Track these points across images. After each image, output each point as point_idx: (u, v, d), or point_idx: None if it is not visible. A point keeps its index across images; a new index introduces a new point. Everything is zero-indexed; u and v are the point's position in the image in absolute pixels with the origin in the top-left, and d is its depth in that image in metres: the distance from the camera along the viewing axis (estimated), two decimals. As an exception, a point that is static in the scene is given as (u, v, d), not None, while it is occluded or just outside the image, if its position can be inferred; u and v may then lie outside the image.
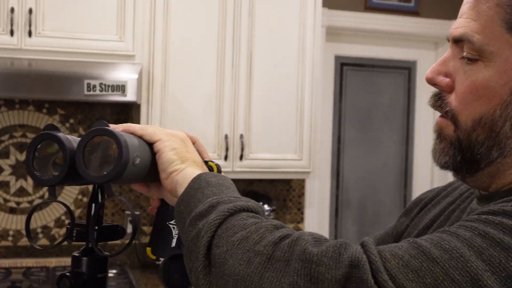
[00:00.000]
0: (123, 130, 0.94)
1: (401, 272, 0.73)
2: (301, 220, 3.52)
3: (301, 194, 3.53)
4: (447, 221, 1.05)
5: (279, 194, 3.48)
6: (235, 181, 3.28)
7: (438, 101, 0.93)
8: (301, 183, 3.52)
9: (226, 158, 2.99)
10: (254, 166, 3.05)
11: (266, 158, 3.07)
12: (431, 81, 0.92)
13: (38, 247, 0.97)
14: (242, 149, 3.01)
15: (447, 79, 0.91)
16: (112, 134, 0.89)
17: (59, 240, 0.99)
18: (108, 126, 0.90)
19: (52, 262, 3.08)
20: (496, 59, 0.86)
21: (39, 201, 3.12)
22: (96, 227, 0.93)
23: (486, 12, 0.88)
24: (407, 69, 3.92)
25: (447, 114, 0.91)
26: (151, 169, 0.95)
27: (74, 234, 0.93)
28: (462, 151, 0.91)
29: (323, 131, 3.65)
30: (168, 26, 2.92)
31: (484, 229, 0.76)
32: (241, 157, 3.01)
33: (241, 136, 3.01)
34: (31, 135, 3.12)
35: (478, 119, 0.88)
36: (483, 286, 0.72)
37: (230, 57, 3.01)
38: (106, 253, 0.95)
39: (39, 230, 3.12)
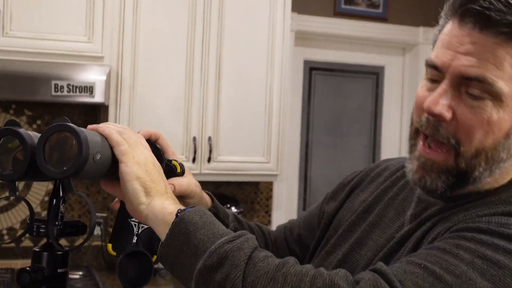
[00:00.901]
0: (101, 130, 0.96)
1: None
2: (269, 222, 3.54)
3: (269, 197, 3.55)
4: (379, 202, 1.16)
5: (247, 196, 3.49)
6: (203, 183, 3.28)
7: (436, 129, 0.97)
8: (268, 186, 3.54)
9: (194, 160, 3.00)
10: (222, 169, 3.07)
11: (234, 160, 3.09)
12: (433, 112, 0.95)
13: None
14: (210, 152, 3.03)
15: (450, 111, 0.95)
16: (72, 130, 0.90)
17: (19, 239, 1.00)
18: (69, 122, 0.91)
19: (18, 264, 3.05)
20: (507, 101, 0.93)
21: (5, 202, 3.09)
22: (57, 222, 0.94)
23: (504, 59, 0.92)
24: (375, 74, 3.98)
25: (449, 143, 0.96)
26: (112, 166, 0.96)
27: (35, 229, 0.94)
28: (457, 176, 0.97)
29: (292, 135, 3.68)
30: (137, 28, 2.92)
31: (482, 252, 0.87)
32: (209, 159, 3.02)
33: (209, 138, 3.03)
34: (-3, 136, 3.09)
35: (481, 149, 0.95)
36: None
37: (199, 59, 3.02)
38: (66, 248, 0.96)
39: (4, 231, 3.09)
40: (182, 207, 0.96)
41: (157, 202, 0.95)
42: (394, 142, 3.99)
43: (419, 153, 1.01)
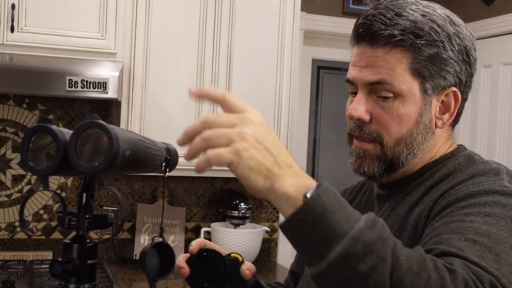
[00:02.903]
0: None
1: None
2: (276, 219, 3.59)
3: (277, 194, 3.58)
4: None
5: (255, 193, 3.53)
6: (213, 178, 3.30)
7: (361, 129, 1.21)
8: (277, 183, 3.58)
9: (204, 156, 3.03)
10: (232, 165, 3.10)
11: (244, 157, 3.12)
12: (356, 117, 1.21)
13: (31, 233, 1.02)
14: (220, 148, 3.06)
15: (368, 114, 1.20)
16: (103, 127, 0.93)
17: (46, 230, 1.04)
18: (99, 119, 0.95)
19: (30, 255, 3.10)
20: (408, 96, 1.17)
21: (18, 195, 3.14)
22: (87, 216, 0.98)
23: (394, 63, 1.16)
24: (382, 74, 4.01)
25: (374, 138, 1.20)
26: (141, 162, 1.00)
27: (66, 222, 0.98)
28: (386, 162, 1.21)
29: (300, 133, 3.72)
30: (149, 25, 2.97)
31: (497, 212, 1.02)
32: (219, 156, 3.06)
33: (219, 135, 3.06)
34: (10, 130, 3.14)
35: (399, 138, 1.19)
36: None
37: (210, 57, 3.06)
38: (96, 240, 1.00)
39: (16, 223, 3.13)
40: (308, 182, 0.91)
41: (280, 183, 0.90)
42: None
43: (354, 146, 1.25)
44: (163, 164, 1.15)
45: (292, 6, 3.18)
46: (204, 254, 1.21)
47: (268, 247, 3.58)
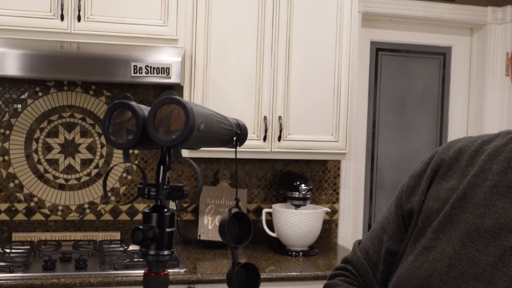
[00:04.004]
0: None
1: None
2: (337, 200, 3.62)
3: (337, 175, 3.62)
4: (476, 190, 1.10)
5: (315, 175, 3.58)
6: (273, 161, 3.37)
7: None
8: (336, 165, 3.61)
9: (265, 138, 3.09)
10: (292, 147, 3.15)
11: (304, 139, 3.17)
12: None
13: (115, 203, 1.08)
14: (281, 130, 3.12)
15: None
16: (180, 102, 0.99)
17: (124, 201, 1.10)
18: (176, 95, 1.01)
19: (99, 236, 3.23)
20: None
21: (87, 178, 3.27)
22: (165, 187, 1.04)
23: None
24: (442, 55, 3.97)
25: None
26: (214, 135, 1.05)
27: (146, 192, 1.04)
28: None
29: (359, 115, 3.73)
30: (210, 11, 3.03)
31: None
32: (279, 138, 3.12)
33: (280, 118, 3.11)
34: (78, 116, 3.27)
35: None
36: None
37: (269, 41, 3.10)
38: (173, 209, 1.06)
39: (86, 205, 3.27)
40: None
41: None
42: (461, 124, 3.98)
43: None
44: (234, 138, 1.20)
45: (350, -11, 3.19)
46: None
47: (328, 228, 3.62)
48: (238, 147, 1.22)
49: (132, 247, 3.05)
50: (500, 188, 1.07)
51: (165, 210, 1.04)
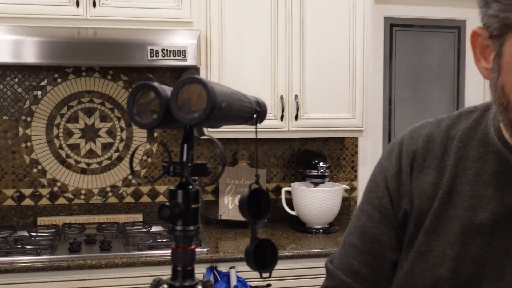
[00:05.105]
0: None
1: None
2: (355, 178, 3.64)
3: (354, 153, 3.64)
4: (460, 181, 1.04)
5: (333, 153, 3.60)
6: (291, 140, 3.41)
7: None
8: (354, 142, 3.63)
9: (282, 118, 3.12)
10: (309, 125, 3.18)
11: (321, 117, 3.19)
12: None
13: (140, 181, 1.12)
14: (297, 109, 3.14)
15: None
16: (201, 82, 1.02)
17: (154, 177, 1.13)
18: (197, 75, 1.04)
19: (122, 218, 3.29)
20: None
21: (108, 162, 3.32)
22: (189, 164, 1.07)
23: None
24: (456, 28, 3.96)
25: None
26: (235, 113, 1.08)
27: (171, 170, 1.07)
28: None
29: (374, 92, 3.74)
30: (223, -7, 3.04)
31: None
32: (296, 117, 3.14)
33: (296, 96, 3.14)
34: (97, 101, 3.31)
35: None
36: None
37: (283, 21, 3.12)
38: (198, 186, 1.09)
39: (108, 189, 3.32)
40: None
41: None
42: (477, 97, 3.98)
43: None
44: (254, 115, 1.22)
45: (362, -35, 3.18)
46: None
47: (347, 206, 3.65)
48: (258, 124, 1.25)
49: (155, 228, 3.10)
50: (484, 176, 1.01)
51: (190, 186, 1.07)
